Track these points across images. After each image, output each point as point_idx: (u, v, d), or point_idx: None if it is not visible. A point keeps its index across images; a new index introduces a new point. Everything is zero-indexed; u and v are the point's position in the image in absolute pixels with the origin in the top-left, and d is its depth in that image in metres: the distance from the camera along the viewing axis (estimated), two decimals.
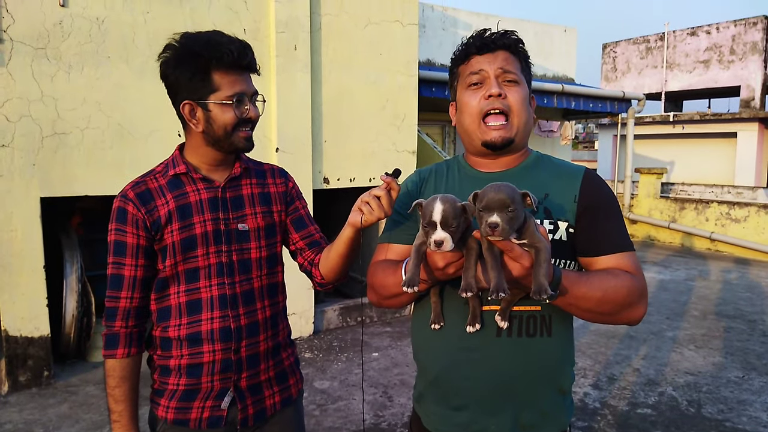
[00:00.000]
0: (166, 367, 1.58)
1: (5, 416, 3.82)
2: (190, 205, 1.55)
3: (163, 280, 1.56)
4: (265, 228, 1.65)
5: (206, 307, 1.55)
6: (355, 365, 4.76)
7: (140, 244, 1.52)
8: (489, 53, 1.43)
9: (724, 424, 3.77)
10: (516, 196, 1.15)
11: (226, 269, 1.57)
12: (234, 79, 1.50)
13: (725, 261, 9.66)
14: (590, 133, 32.36)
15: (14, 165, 4.05)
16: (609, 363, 4.86)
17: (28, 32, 4.03)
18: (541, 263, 1.16)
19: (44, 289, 4.22)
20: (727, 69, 17.49)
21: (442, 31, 9.49)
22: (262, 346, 1.62)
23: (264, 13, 4.97)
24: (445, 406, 1.42)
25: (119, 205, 1.53)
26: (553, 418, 1.41)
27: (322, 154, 5.43)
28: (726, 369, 4.73)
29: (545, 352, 1.37)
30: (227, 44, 1.47)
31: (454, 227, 1.17)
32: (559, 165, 1.50)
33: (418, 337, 1.50)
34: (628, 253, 1.38)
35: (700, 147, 15.76)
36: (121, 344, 1.52)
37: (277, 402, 1.68)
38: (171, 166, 1.59)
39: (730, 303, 6.87)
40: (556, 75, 11.62)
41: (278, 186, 1.72)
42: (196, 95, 1.49)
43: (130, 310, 1.53)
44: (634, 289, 1.32)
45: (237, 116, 1.51)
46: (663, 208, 11.46)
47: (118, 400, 1.53)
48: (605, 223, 1.38)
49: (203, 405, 1.56)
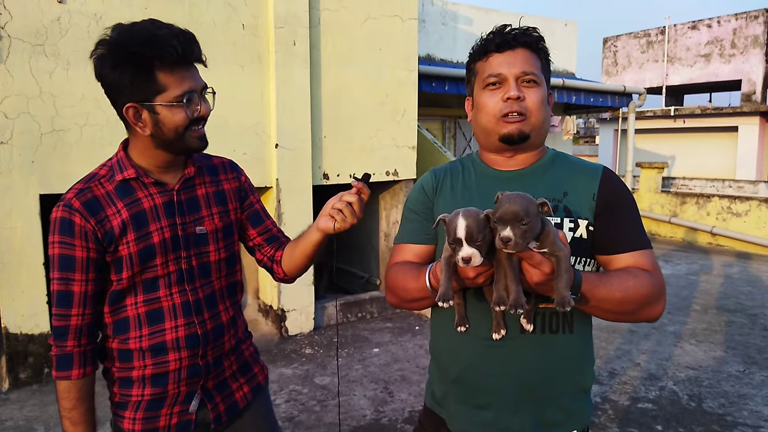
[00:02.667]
0: (128, 379, 1.49)
1: (6, 413, 3.82)
2: (145, 212, 1.44)
3: (117, 292, 1.45)
4: (223, 229, 1.58)
5: (169, 316, 1.47)
6: (356, 361, 4.76)
7: (90, 257, 1.40)
8: (509, 51, 1.40)
9: (725, 418, 3.76)
10: (531, 207, 1.13)
11: (186, 276, 1.50)
12: (181, 77, 1.37)
13: (726, 255, 9.64)
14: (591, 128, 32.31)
15: (13, 162, 4.04)
16: (610, 358, 4.85)
17: (26, 29, 4.02)
18: (562, 273, 1.16)
19: (44, 287, 4.21)
20: (728, 63, 17.44)
21: (442, 26, 9.46)
22: (227, 346, 1.59)
23: (263, 8, 4.95)
24: (469, 404, 1.41)
25: (63, 215, 1.39)
26: (575, 417, 1.41)
27: (322, 149, 5.41)
28: (727, 363, 4.73)
29: (567, 349, 1.38)
30: (169, 39, 1.34)
31: (479, 241, 1.16)
32: (576, 163, 1.48)
33: (440, 337, 1.49)
34: (646, 251, 1.37)
35: (701, 141, 15.73)
36: (76, 364, 1.42)
37: (247, 392, 1.65)
38: (117, 169, 1.46)
39: (731, 297, 6.86)
40: (557, 69, 11.58)
41: (231, 182, 1.64)
42: (140, 97, 1.36)
43: (82, 327, 1.42)
44: (652, 288, 1.32)
45: (188, 116, 1.39)
46: (664, 202, 11.44)
47: (76, 422, 1.44)
48: (623, 221, 1.38)
49: (171, 411, 1.51)
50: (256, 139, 5.01)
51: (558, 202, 1.38)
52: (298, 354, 4.93)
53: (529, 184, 1.38)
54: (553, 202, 1.37)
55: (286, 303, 5.33)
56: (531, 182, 1.41)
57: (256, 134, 5.01)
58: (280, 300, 5.30)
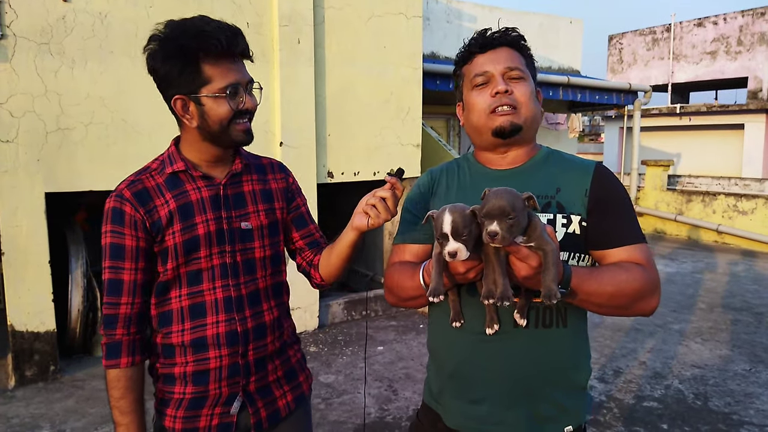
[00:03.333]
0: (170, 376, 1.51)
1: (12, 410, 3.84)
2: (192, 204, 1.47)
3: (163, 283, 1.48)
4: (269, 226, 1.58)
5: (211, 311, 1.48)
6: (360, 359, 4.76)
7: (140, 246, 1.44)
8: (492, 50, 1.44)
9: (731, 417, 3.75)
10: (517, 202, 1.14)
11: (230, 270, 1.50)
12: (226, 69, 1.41)
13: (732, 253, 9.60)
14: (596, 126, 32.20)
15: (19, 160, 4.05)
16: (615, 356, 4.84)
17: (32, 27, 4.03)
18: (549, 267, 1.16)
19: (50, 284, 4.23)
20: (734, 60, 17.34)
21: (446, 24, 9.44)
22: (270, 347, 1.57)
23: (267, 6, 4.95)
24: (464, 399, 1.42)
25: (114, 205, 1.44)
26: (569, 413, 1.40)
27: (326, 148, 5.41)
28: (733, 362, 4.71)
29: (561, 344, 1.39)
30: (216, 32, 1.38)
31: (465, 236, 1.17)
32: (569, 160, 1.50)
33: (436, 333, 1.51)
34: (640, 246, 1.38)
35: (707, 139, 15.65)
36: (124, 353, 1.44)
37: (290, 401, 1.63)
38: (168, 163, 1.50)
39: (737, 295, 6.83)
40: (562, 67, 11.55)
41: (279, 182, 1.65)
42: (187, 89, 1.41)
43: (131, 316, 1.45)
44: (645, 282, 1.32)
45: (232, 108, 1.42)
46: (670, 200, 11.39)
47: (124, 411, 1.45)
48: (616, 216, 1.39)
49: (212, 412, 1.50)
50: (261, 137, 5.01)
51: (551, 199, 1.39)
52: (305, 358, 4.93)
53: (523, 182, 1.39)
54: (545, 199, 1.39)
55: (291, 301, 5.25)
56: (525, 180, 1.42)
57: (261, 132, 5.01)
58: None
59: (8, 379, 4.26)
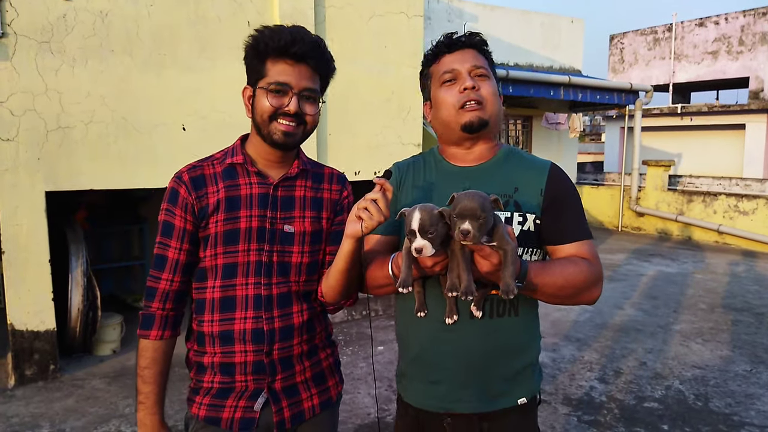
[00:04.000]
0: (201, 365, 1.56)
1: (12, 410, 3.84)
2: (240, 197, 1.52)
3: (202, 270, 1.54)
4: (312, 233, 1.59)
5: (240, 306, 1.51)
6: (361, 359, 4.75)
7: (186, 229, 1.51)
8: (458, 50, 1.54)
9: (732, 418, 3.74)
10: (486, 204, 1.25)
11: (264, 269, 1.53)
12: (283, 69, 1.47)
13: (733, 254, 9.59)
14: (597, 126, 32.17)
15: (19, 159, 4.05)
16: (615, 356, 4.83)
17: (32, 26, 4.02)
18: (508, 265, 1.28)
19: (50, 283, 4.22)
20: (735, 60, 17.32)
21: (447, 23, 9.43)
22: (296, 349, 1.58)
23: (268, 5, 4.94)
24: (424, 380, 1.55)
25: (173, 186, 1.53)
26: (519, 385, 1.54)
27: (327, 147, 5.40)
28: (734, 362, 4.70)
29: (512, 331, 1.52)
30: (283, 32, 1.47)
31: (432, 234, 1.27)
32: (527, 160, 1.60)
33: (403, 320, 1.62)
34: (587, 242, 1.52)
35: (708, 139, 15.64)
36: (156, 326, 1.52)
37: (316, 405, 1.63)
38: (230, 154, 1.58)
39: (738, 296, 6.82)
40: (563, 67, 11.53)
41: (333, 193, 1.66)
42: (252, 80, 1.53)
43: (169, 292, 1.53)
44: (590, 275, 1.46)
45: (271, 105, 1.47)
46: (670, 200, 11.38)
47: (147, 381, 1.53)
48: (567, 214, 1.52)
49: (236, 404, 1.52)
50: None
51: (509, 198, 1.51)
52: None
53: (484, 180, 1.52)
54: (504, 198, 1.50)
55: None
56: (486, 178, 1.53)
57: None
58: None
59: (8, 378, 4.25)
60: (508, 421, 1.53)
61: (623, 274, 7.98)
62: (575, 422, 3.68)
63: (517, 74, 8.67)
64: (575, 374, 4.45)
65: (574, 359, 4.77)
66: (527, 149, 12.32)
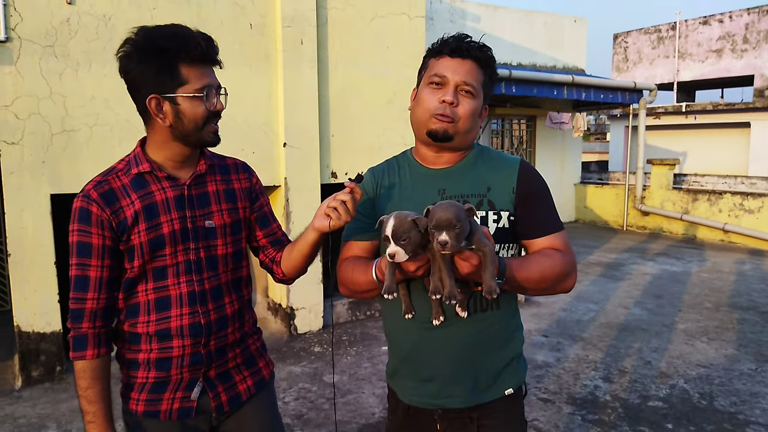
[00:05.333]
0: (134, 361, 1.58)
1: (19, 411, 3.87)
2: (156, 204, 1.53)
3: (130, 279, 1.54)
4: (231, 225, 1.65)
5: (175, 304, 1.55)
6: (364, 359, 4.76)
7: (106, 245, 1.50)
8: (459, 58, 1.54)
9: (737, 416, 3.73)
10: (461, 214, 1.30)
11: (194, 266, 1.57)
12: (201, 72, 1.50)
13: (738, 252, 9.55)
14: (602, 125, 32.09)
15: (24, 162, 4.08)
16: (620, 356, 4.82)
17: (36, 30, 4.05)
18: (488, 265, 1.34)
19: (56, 285, 4.25)
20: (740, 58, 17.25)
21: (450, 24, 9.44)
22: (230, 338, 1.65)
23: (270, 7, 4.96)
24: (416, 378, 1.62)
25: (81, 205, 1.50)
26: (506, 377, 1.62)
27: (330, 148, 5.42)
28: (739, 361, 4.68)
29: (496, 323, 1.59)
30: (195, 38, 1.47)
31: (404, 240, 1.32)
32: (497, 158, 1.65)
33: (390, 321, 1.69)
34: (559, 234, 1.60)
35: (713, 137, 15.58)
36: (90, 345, 1.50)
37: (251, 385, 1.71)
38: (134, 164, 1.55)
39: (744, 294, 6.80)
40: (567, 66, 11.52)
41: (242, 182, 1.72)
42: (162, 89, 1.46)
43: (97, 311, 1.51)
44: (565, 266, 1.55)
45: (207, 109, 1.50)
46: (675, 199, 11.35)
47: (91, 401, 1.52)
48: (539, 209, 1.60)
49: (173, 396, 1.58)
50: (264, 138, 5.03)
51: (482, 197, 1.57)
52: (306, 352, 4.94)
53: (457, 181, 1.59)
54: (477, 198, 1.56)
55: (295, 301, 5.34)
56: (458, 179, 1.60)
57: (264, 133, 5.02)
58: (289, 298, 5.32)
59: (15, 380, 4.29)
60: (496, 411, 1.60)
61: (628, 273, 7.96)
62: (579, 421, 3.68)
63: (520, 74, 8.66)
64: (579, 373, 4.45)
65: (578, 358, 4.76)
66: (531, 149, 12.31)
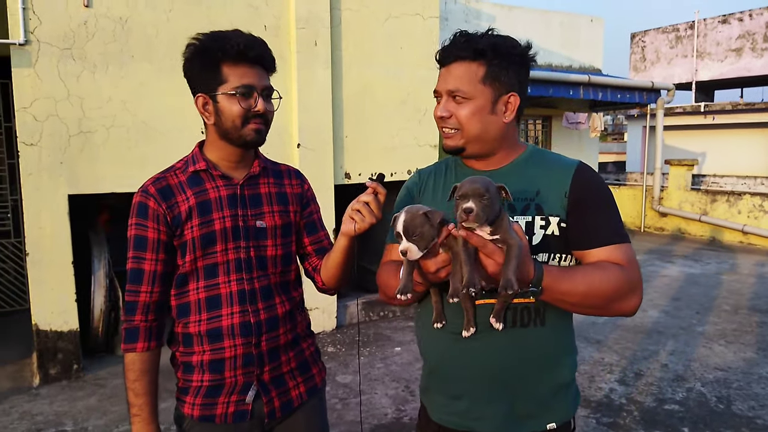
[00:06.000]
0: (189, 364, 1.60)
1: (36, 408, 3.92)
2: (210, 201, 1.57)
3: (182, 275, 1.58)
4: (282, 227, 1.66)
5: (226, 303, 1.57)
6: (378, 359, 4.77)
7: (161, 239, 1.54)
8: (446, 66, 1.45)
9: (755, 421, 3.67)
10: (491, 187, 1.20)
11: (244, 265, 1.59)
12: (243, 72, 1.52)
13: (758, 254, 9.40)
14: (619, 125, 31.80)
15: (42, 163, 4.14)
16: (636, 358, 4.77)
17: (54, 33, 4.11)
18: (510, 259, 1.19)
19: (73, 285, 4.31)
20: (760, 57, 16.98)
21: (465, 24, 9.40)
22: (282, 339, 1.64)
23: (284, 9, 4.99)
24: (445, 395, 1.48)
25: (140, 200, 1.56)
26: (552, 410, 1.43)
27: (344, 149, 5.43)
28: (758, 365, 4.61)
29: (538, 342, 1.40)
30: (235, 38, 1.50)
31: (416, 236, 1.23)
32: (552, 160, 1.50)
33: (422, 331, 1.56)
34: (619, 246, 1.38)
35: (733, 138, 15.33)
36: (141, 338, 1.55)
37: (303, 392, 1.70)
38: (191, 162, 1.61)
39: (763, 297, 6.68)
40: (583, 66, 11.42)
41: (294, 187, 1.74)
42: (206, 88, 1.53)
43: (149, 304, 1.56)
44: (622, 282, 1.33)
45: (243, 108, 1.52)
46: (694, 200, 11.20)
47: (138, 393, 1.55)
48: (595, 216, 1.40)
49: (228, 400, 1.58)
50: (278, 139, 5.05)
51: (530, 201, 1.41)
52: (320, 352, 4.95)
53: (504, 183, 1.40)
54: (525, 201, 1.41)
55: (309, 301, 5.34)
56: (506, 182, 1.41)
57: (278, 134, 5.04)
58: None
59: (33, 378, 4.35)
60: None
61: (645, 275, 7.86)
62: (594, 424, 3.65)
63: (536, 74, 8.59)
64: (594, 376, 4.41)
65: (594, 361, 4.72)
66: (547, 149, 12.21)
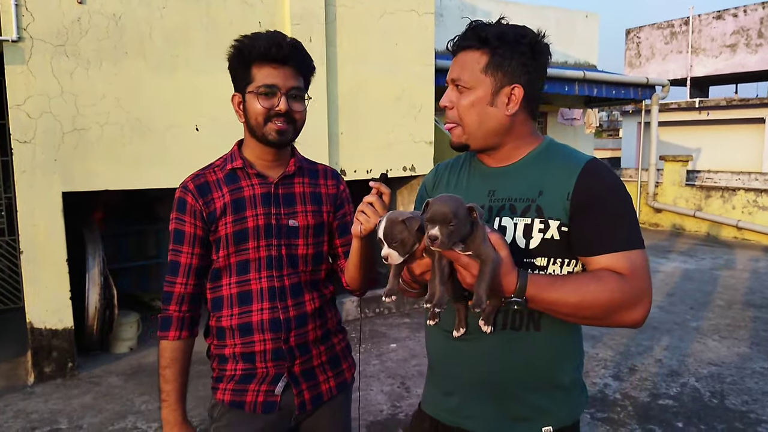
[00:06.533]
0: (223, 356, 1.66)
1: (31, 406, 3.92)
2: (245, 199, 1.62)
3: (217, 270, 1.64)
4: (314, 226, 1.70)
5: (257, 299, 1.62)
6: (374, 356, 4.77)
7: (197, 234, 1.61)
8: (455, 56, 1.42)
9: (749, 415, 3.69)
10: (460, 210, 1.18)
11: (275, 262, 1.63)
12: (268, 72, 1.55)
13: (752, 249, 9.45)
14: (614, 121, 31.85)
15: (36, 160, 4.12)
16: (630, 354, 4.79)
17: (47, 30, 4.09)
18: (483, 276, 1.19)
19: (67, 282, 4.30)
20: (754, 53, 17.02)
21: (460, 20, 9.38)
22: (311, 335, 1.68)
23: (279, 5, 4.97)
24: (439, 390, 1.51)
25: (180, 195, 1.62)
26: (548, 414, 1.38)
27: (339, 146, 5.42)
28: (751, 360, 4.64)
29: (532, 346, 1.36)
30: (265, 38, 1.55)
31: (396, 242, 1.25)
32: (562, 157, 1.41)
33: (425, 326, 1.57)
34: (626, 253, 1.28)
35: (727, 133, 15.38)
36: (173, 327, 1.61)
37: (333, 387, 1.74)
38: (229, 160, 1.67)
39: (757, 292, 6.72)
40: (578, 62, 11.43)
41: (329, 188, 1.77)
42: (239, 87, 1.60)
43: (184, 295, 1.62)
44: (620, 293, 1.25)
45: (264, 107, 1.55)
46: (688, 196, 11.24)
47: (168, 380, 1.61)
48: (601, 221, 1.30)
49: (258, 389, 1.62)
50: None
51: (531, 202, 1.35)
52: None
53: (509, 182, 1.40)
54: (525, 202, 1.35)
55: None
56: (511, 180, 1.41)
57: None
58: None
59: (27, 376, 4.34)
60: None
61: None
62: (588, 419, 3.67)
63: None
64: (589, 371, 4.42)
65: (588, 356, 4.74)
66: None
